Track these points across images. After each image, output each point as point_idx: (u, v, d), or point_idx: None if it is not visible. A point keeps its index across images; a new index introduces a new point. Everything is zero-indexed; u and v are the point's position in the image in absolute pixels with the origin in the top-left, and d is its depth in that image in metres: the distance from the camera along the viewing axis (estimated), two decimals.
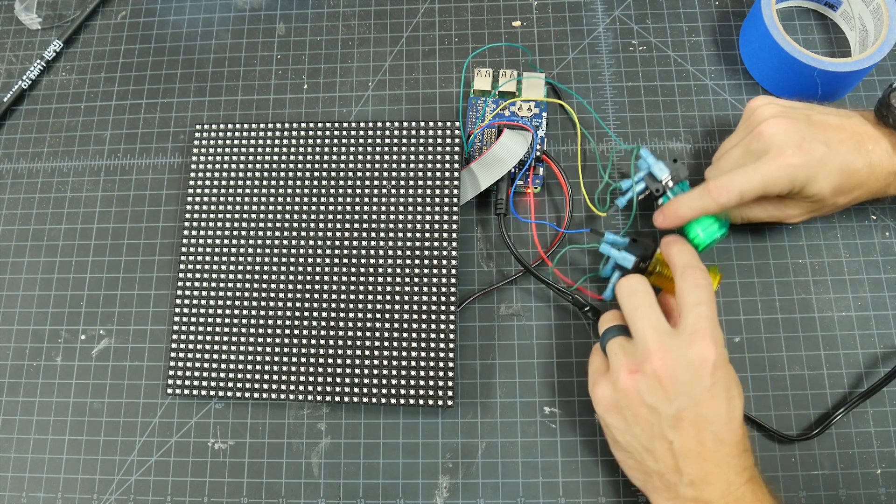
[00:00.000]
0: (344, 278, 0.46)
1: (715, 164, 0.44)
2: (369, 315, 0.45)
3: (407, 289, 0.45)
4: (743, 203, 0.41)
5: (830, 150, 0.40)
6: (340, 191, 0.48)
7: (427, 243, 0.46)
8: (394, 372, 0.44)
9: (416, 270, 0.46)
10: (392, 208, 0.47)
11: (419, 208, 0.46)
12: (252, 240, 0.48)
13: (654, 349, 0.37)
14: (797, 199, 0.42)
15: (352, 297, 0.46)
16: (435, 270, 0.45)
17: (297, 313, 0.46)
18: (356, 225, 0.47)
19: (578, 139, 0.50)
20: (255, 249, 0.47)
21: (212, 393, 0.46)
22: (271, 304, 0.46)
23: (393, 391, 0.44)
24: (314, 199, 0.48)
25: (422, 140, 0.48)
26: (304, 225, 0.47)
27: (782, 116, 0.41)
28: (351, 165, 0.48)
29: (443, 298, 0.45)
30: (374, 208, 0.47)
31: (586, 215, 0.49)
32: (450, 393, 0.44)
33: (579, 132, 0.50)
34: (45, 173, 0.53)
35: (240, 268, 0.47)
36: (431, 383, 0.44)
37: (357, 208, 0.47)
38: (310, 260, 0.47)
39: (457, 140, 0.47)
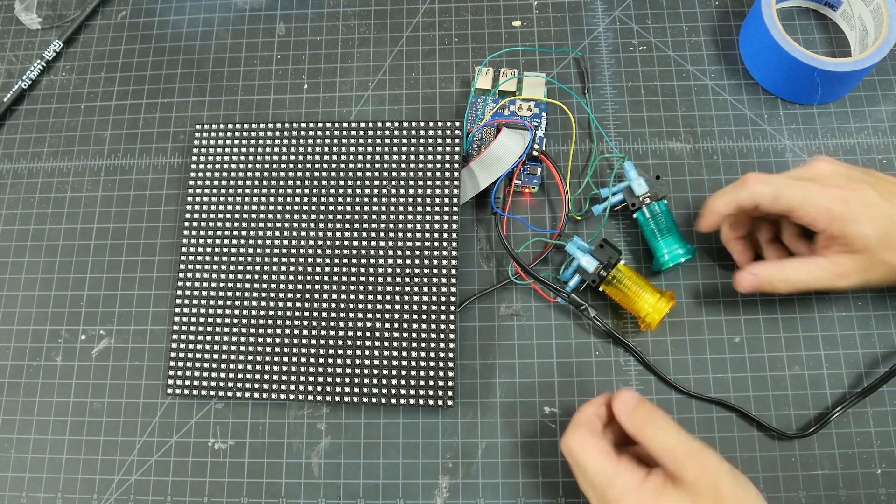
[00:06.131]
0: (344, 278, 0.46)
1: None
2: (369, 315, 0.45)
3: (407, 289, 0.45)
4: (776, 208, 0.40)
5: (879, 196, 0.38)
6: (340, 191, 0.48)
7: (427, 243, 0.46)
8: (394, 372, 0.44)
9: (416, 270, 0.46)
10: (392, 208, 0.47)
11: (419, 208, 0.46)
12: (252, 240, 0.48)
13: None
14: (840, 245, 0.40)
15: (352, 297, 0.46)
16: (435, 270, 0.45)
17: (297, 313, 0.46)
18: (356, 225, 0.47)
19: (573, 140, 0.50)
20: (255, 249, 0.47)
21: (212, 393, 0.46)
22: (271, 304, 0.46)
23: (393, 391, 0.44)
24: (314, 199, 0.48)
25: (422, 140, 0.48)
26: (304, 225, 0.47)
27: (835, 162, 0.40)
28: (351, 165, 0.48)
29: (443, 298, 0.45)
30: (374, 208, 0.47)
31: (584, 219, 0.49)
32: (450, 393, 0.44)
33: (575, 134, 0.50)
34: (45, 173, 0.53)
35: (240, 268, 0.47)
36: (431, 383, 0.44)
37: (357, 208, 0.47)
38: (310, 260, 0.47)
39: (457, 140, 0.47)
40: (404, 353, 0.44)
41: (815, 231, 0.41)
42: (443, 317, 0.45)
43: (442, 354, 0.44)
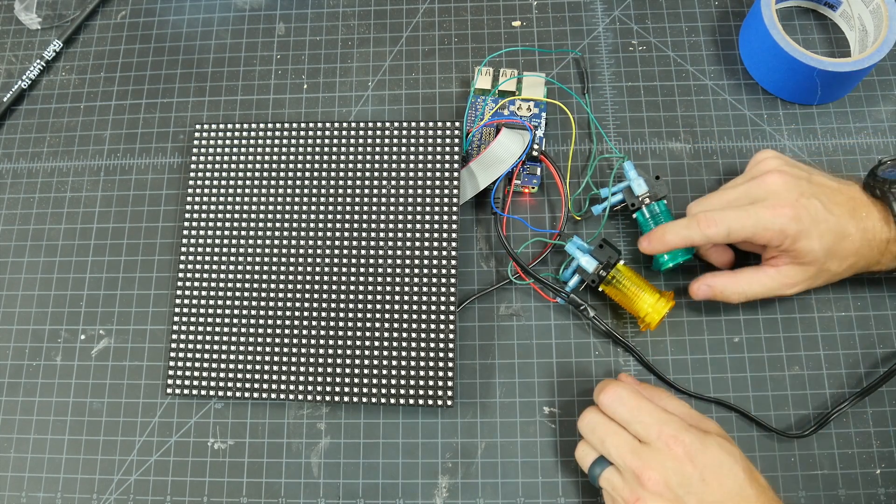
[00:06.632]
0: (344, 278, 0.46)
1: (700, 201, 0.44)
2: (369, 315, 0.45)
3: (407, 289, 0.45)
4: (729, 241, 0.42)
5: (825, 210, 0.41)
6: (340, 191, 0.48)
7: (427, 243, 0.46)
8: (394, 372, 0.44)
9: (416, 270, 0.46)
10: (392, 208, 0.47)
11: (419, 208, 0.46)
12: (252, 240, 0.48)
13: (640, 470, 0.37)
14: (790, 257, 0.42)
15: (352, 297, 0.46)
16: (435, 270, 0.45)
17: (297, 313, 0.46)
18: (356, 225, 0.47)
19: (573, 140, 0.50)
20: (255, 249, 0.47)
21: (211, 393, 0.46)
22: (271, 303, 0.46)
23: (393, 391, 0.44)
24: (314, 199, 0.48)
25: (421, 140, 0.48)
26: (304, 225, 0.47)
27: (785, 172, 0.42)
28: (351, 165, 0.48)
29: (442, 298, 0.45)
30: (374, 208, 0.47)
31: (584, 219, 0.49)
32: (449, 393, 0.44)
33: (574, 134, 0.50)
34: (45, 173, 0.53)
35: (240, 268, 0.47)
36: (431, 383, 0.44)
37: (357, 208, 0.47)
38: (310, 260, 0.47)
39: (456, 140, 0.47)
40: (404, 353, 0.45)
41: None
42: (442, 317, 0.45)
43: (441, 354, 0.44)
